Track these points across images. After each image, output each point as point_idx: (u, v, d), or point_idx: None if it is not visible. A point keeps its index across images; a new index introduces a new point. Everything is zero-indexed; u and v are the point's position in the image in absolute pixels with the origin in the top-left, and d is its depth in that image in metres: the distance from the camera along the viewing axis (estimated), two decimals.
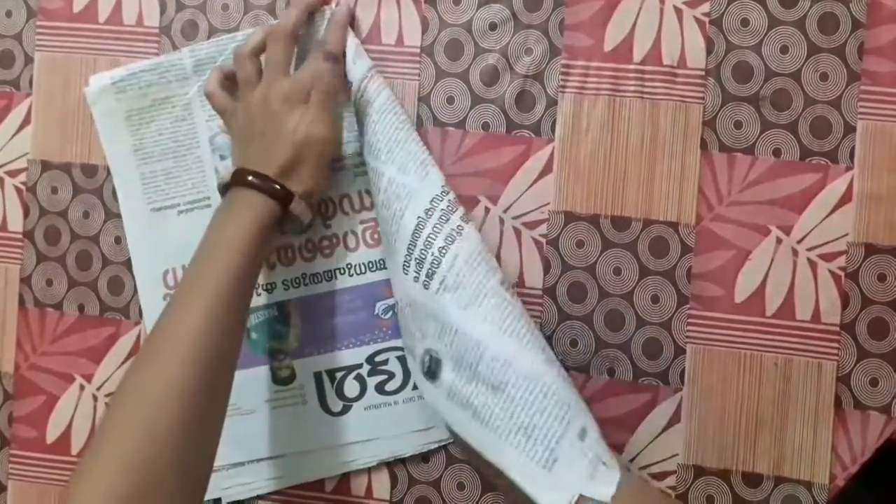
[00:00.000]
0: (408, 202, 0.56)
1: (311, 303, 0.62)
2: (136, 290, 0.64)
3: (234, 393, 0.52)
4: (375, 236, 0.61)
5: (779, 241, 0.59)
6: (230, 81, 0.59)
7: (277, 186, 0.55)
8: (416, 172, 0.57)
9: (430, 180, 0.57)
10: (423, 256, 0.55)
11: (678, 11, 0.60)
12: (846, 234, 0.59)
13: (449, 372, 0.54)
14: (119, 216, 0.64)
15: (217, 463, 0.51)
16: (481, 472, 0.60)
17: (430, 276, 0.55)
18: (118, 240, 0.65)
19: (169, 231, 0.63)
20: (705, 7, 0.60)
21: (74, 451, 0.65)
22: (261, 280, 0.62)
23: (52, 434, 0.65)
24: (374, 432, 0.61)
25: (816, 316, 0.59)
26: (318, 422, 0.62)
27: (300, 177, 0.56)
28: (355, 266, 0.61)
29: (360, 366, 0.61)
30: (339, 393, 0.61)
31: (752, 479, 0.59)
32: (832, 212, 0.59)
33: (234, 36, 0.63)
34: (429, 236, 0.55)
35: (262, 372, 0.62)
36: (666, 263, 0.60)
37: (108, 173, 0.65)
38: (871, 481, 0.58)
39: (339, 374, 0.61)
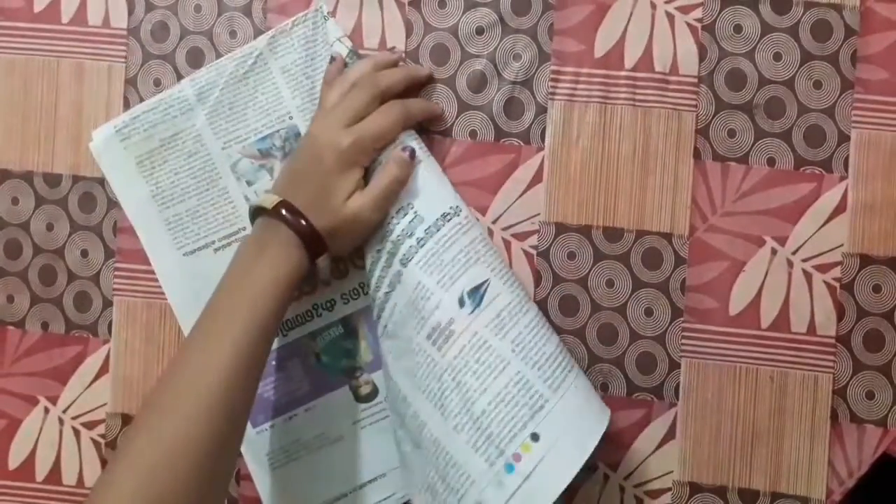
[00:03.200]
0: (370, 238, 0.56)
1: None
2: (104, 307, 0.61)
3: (320, 422, 0.53)
4: None
5: (773, 252, 0.58)
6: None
7: (316, 234, 0.52)
8: None
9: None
10: (375, 298, 0.55)
11: (670, 17, 0.59)
12: (841, 245, 0.58)
13: (392, 413, 0.54)
14: (86, 228, 0.61)
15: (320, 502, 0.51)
16: None
17: (378, 317, 0.54)
18: (85, 253, 0.61)
19: (208, 272, 0.57)
20: (697, 13, 0.58)
21: (39, 477, 0.61)
22: (319, 299, 0.59)
23: (14, 460, 0.61)
24: None
25: (812, 328, 0.58)
26: None
27: (334, 244, 0.53)
28: None
29: None
30: None
31: (749, 496, 0.58)
32: (827, 222, 0.58)
33: (233, 55, 0.59)
34: (378, 279, 0.54)
35: (342, 394, 0.59)
36: (659, 275, 0.58)
37: (73, 182, 0.61)
38: (867, 496, 0.58)
39: None
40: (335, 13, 0.60)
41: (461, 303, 0.52)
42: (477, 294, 0.52)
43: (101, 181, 0.61)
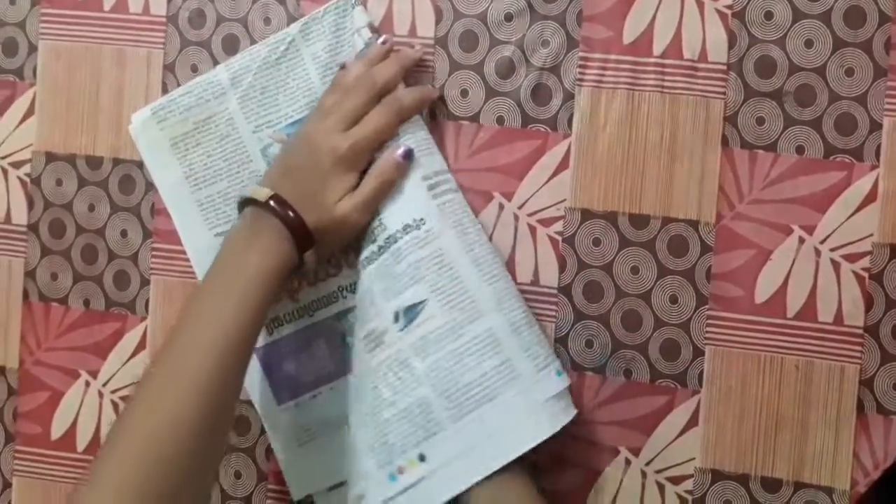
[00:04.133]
0: None
1: None
2: (141, 285, 0.63)
3: (344, 401, 0.57)
4: None
5: (801, 240, 0.57)
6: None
7: (305, 228, 0.53)
8: None
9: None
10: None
11: (700, 4, 0.58)
12: (871, 235, 0.57)
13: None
14: (126, 209, 0.63)
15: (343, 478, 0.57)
16: None
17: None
18: (124, 233, 0.63)
19: None
20: (727, 0, 0.58)
21: (80, 447, 0.64)
22: (343, 281, 0.60)
23: (56, 430, 0.64)
24: None
25: (839, 318, 0.57)
26: None
27: (320, 241, 0.54)
28: None
29: None
30: None
31: (772, 484, 0.57)
32: (856, 211, 0.57)
33: (267, 41, 0.60)
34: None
35: None
36: (685, 263, 0.58)
37: (114, 164, 0.63)
38: (893, 488, 0.57)
39: None
40: (366, 1, 0.61)
41: (395, 317, 0.55)
42: (412, 312, 0.55)
43: (140, 164, 0.63)
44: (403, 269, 0.55)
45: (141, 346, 0.63)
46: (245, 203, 0.54)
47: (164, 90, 0.63)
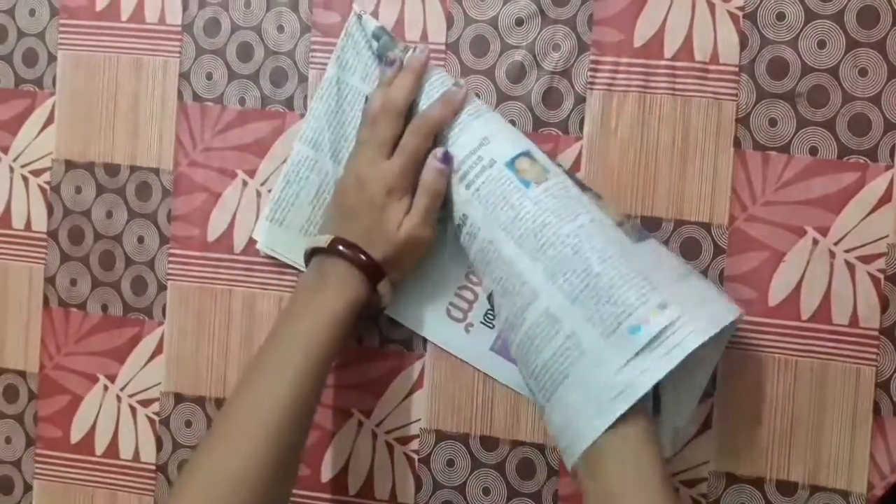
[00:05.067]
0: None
1: None
2: (158, 291, 0.64)
3: None
4: None
5: (815, 242, 0.57)
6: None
7: (373, 263, 0.54)
8: None
9: None
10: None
11: (711, 6, 0.58)
12: (886, 236, 0.57)
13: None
14: (143, 216, 0.64)
15: None
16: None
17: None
18: (141, 239, 0.64)
19: None
20: (739, 1, 0.58)
21: (98, 451, 0.65)
22: None
23: (76, 434, 0.65)
24: None
25: (854, 320, 0.57)
26: None
27: (393, 270, 0.56)
28: None
29: None
30: None
31: (787, 488, 0.57)
32: (871, 212, 0.57)
33: (317, 95, 0.61)
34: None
35: None
36: (698, 265, 0.58)
37: (131, 172, 0.64)
38: None
39: None
40: (378, 7, 0.61)
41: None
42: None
43: (156, 171, 0.64)
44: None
45: (158, 350, 0.64)
46: (311, 255, 0.56)
47: (180, 97, 0.64)
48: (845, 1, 0.57)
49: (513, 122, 0.60)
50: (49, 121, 0.65)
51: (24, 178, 0.66)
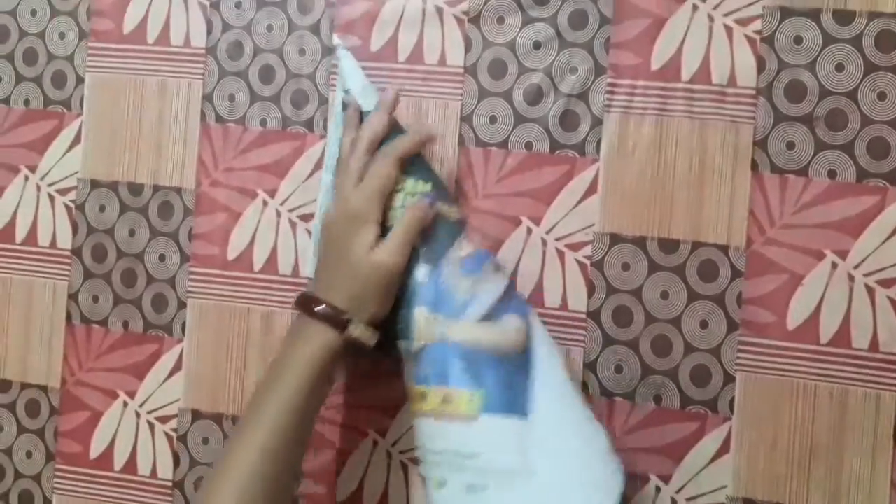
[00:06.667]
0: None
1: None
2: (178, 308, 0.65)
3: None
4: None
5: (834, 265, 0.57)
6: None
7: (332, 312, 0.53)
8: None
9: None
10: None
11: (728, 30, 0.58)
12: None
13: None
14: (164, 234, 0.65)
15: None
16: None
17: None
18: (162, 258, 0.65)
19: None
20: (756, 25, 0.58)
21: (117, 467, 0.65)
22: None
23: (95, 450, 0.66)
24: None
25: (874, 345, 0.56)
26: None
27: (364, 307, 0.54)
28: None
29: None
30: None
31: None
32: (891, 236, 0.56)
33: (331, 121, 0.62)
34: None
35: None
36: (715, 288, 0.58)
37: (154, 191, 0.65)
38: None
39: None
40: (398, 32, 0.62)
41: None
42: None
43: (178, 190, 0.65)
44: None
45: (177, 367, 0.65)
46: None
47: (203, 118, 0.65)
48: (863, 25, 0.57)
49: (530, 144, 0.60)
50: (76, 141, 0.67)
51: (51, 197, 0.67)
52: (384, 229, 0.54)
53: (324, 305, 0.54)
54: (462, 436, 0.51)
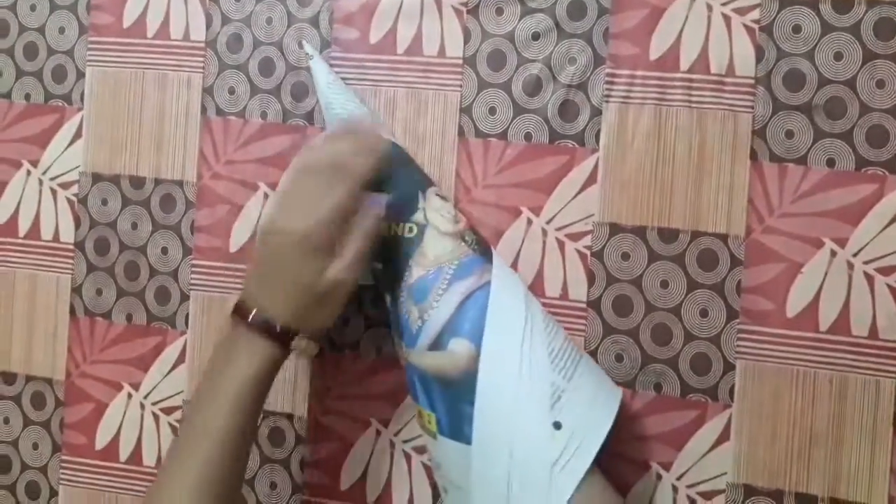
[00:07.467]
0: None
1: None
2: (181, 301, 0.65)
3: None
4: None
5: (833, 253, 0.57)
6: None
7: (278, 330, 0.52)
8: None
9: None
10: None
11: (726, 19, 0.59)
12: None
13: None
14: (166, 227, 0.65)
15: None
16: None
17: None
18: (165, 251, 0.66)
19: None
20: (755, 14, 0.58)
21: (122, 458, 0.66)
22: None
23: (101, 441, 0.66)
24: None
25: (874, 332, 0.56)
26: None
27: (314, 318, 0.53)
28: None
29: None
30: None
31: (806, 501, 0.57)
32: (890, 223, 0.56)
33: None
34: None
35: None
36: (715, 276, 0.58)
37: (155, 184, 0.66)
38: None
39: None
40: (397, 23, 0.62)
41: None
42: None
43: (180, 183, 0.65)
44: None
45: (181, 359, 0.65)
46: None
47: (203, 111, 0.65)
48: (861, 13, 0.57)
49: (529, 135, 0.61)
50: (77, 135, 0.67)
51: (53, 191, 0.67)
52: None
53: (267, 320, 0.52)
54: (432, 446, 0.56)
